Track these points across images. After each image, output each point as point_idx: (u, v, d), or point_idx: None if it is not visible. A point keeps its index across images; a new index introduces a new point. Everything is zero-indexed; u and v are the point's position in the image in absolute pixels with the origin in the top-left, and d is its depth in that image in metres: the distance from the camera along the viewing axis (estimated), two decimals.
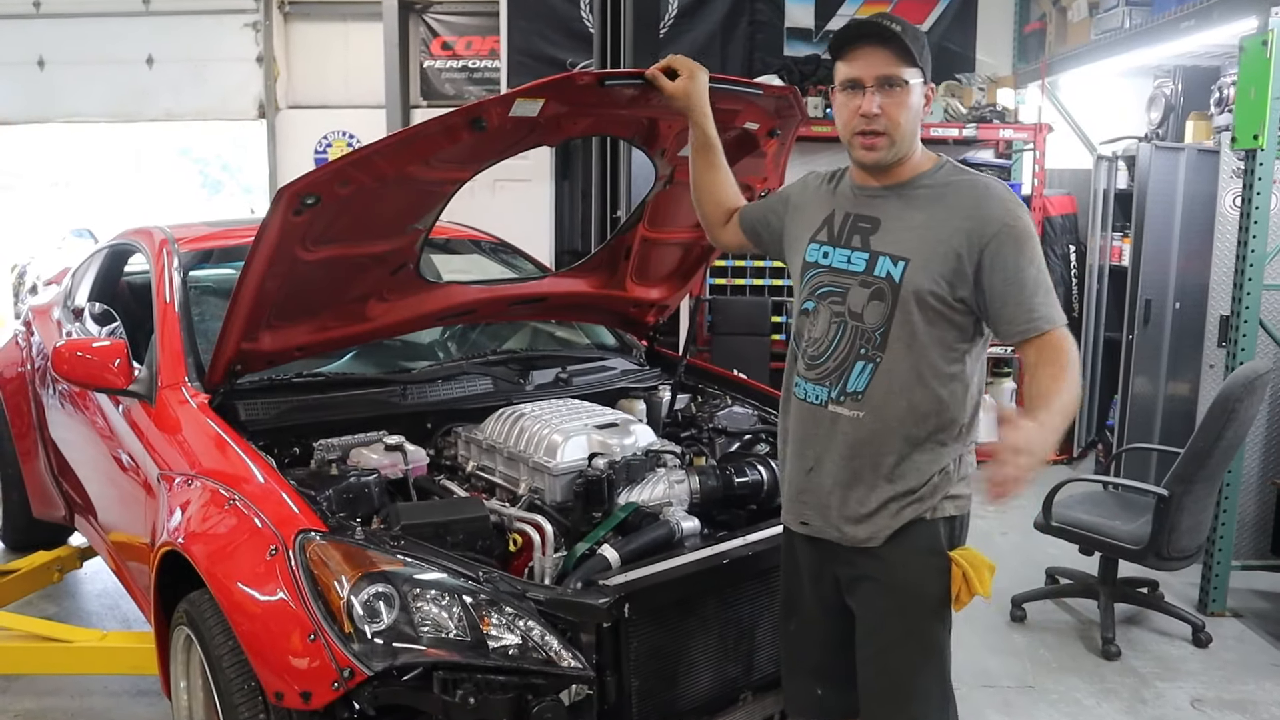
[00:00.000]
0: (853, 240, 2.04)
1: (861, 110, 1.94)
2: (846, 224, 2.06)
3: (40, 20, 8.31)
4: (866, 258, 2.00)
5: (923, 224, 1.96)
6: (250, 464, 2.38)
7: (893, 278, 1.95)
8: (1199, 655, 3.74)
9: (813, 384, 2.06)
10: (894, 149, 1.97)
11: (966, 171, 2.01)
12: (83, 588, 4.29)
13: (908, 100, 1.94)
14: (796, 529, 2.14)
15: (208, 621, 2.22)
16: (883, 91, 1.93)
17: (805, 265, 2.11)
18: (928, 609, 2.02)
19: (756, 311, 5.89)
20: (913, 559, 2.00)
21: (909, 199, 2.00)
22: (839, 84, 1.99)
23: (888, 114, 1.93)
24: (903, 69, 1.92)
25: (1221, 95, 5.06)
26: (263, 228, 2.29)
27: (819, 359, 2.05)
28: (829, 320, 2.04)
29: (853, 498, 2.01)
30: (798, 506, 2.12)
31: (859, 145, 1.98)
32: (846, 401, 2.01)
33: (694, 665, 2.28)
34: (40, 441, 4.07)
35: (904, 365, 1.96)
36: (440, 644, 1.97)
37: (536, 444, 2.59)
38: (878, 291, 1.96)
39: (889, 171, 2.01)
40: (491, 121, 2.24)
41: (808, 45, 6.87)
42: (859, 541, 2.01)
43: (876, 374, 1.97)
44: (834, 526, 2.05)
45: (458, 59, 7.82)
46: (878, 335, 1.97)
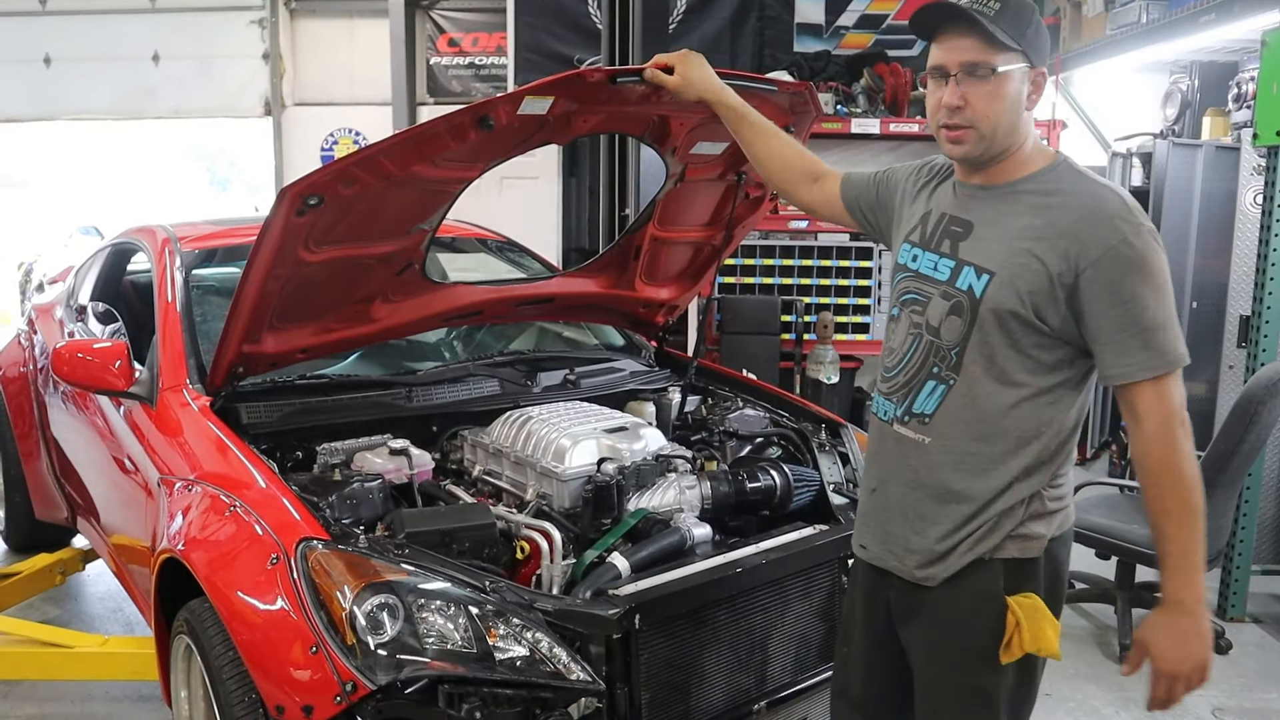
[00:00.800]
0: (942, 245, 1.82)
1: (944, 100, 1.73)
2: (940, 226, 1.84)
3: (46, 18, 8.30)
4: (952, 266, 1.78)
5: (1016, 234, 1.71)
6: (251, 469, 2.33)
7: (974, 292, 1.73)
8: (1219, 662, 3.67)
9: (884, 398, 1.89)
10: (983, 144, 1.73)
11: (1084, 177, 1.74)
12: (85, 590, 4.25)
13: (999, 90, 1.70)
14: (858, 553, 1.98)
15: (208, 631, 2.17)
16: (968, 81, 1.70)
17: (897, 267, 1.91)
18: (977, 655, 1.79)
19: (766, 310, 5.82)
20: (964, 599, 1.80)
21: (1009, 203, 1.76)
22: (929, 70, 1.78)
23: (973, 105, 1.71)
24: (993, 55, 1.68)
25: (1240, 91, 4.98)
26: (265, 228, 2.24)
27: (892, 372, 1.87)
28: (907, 330, 1.84)
29: (911, 529, 1.83)
30: (860, 528, 1.98)
31: (944, 138, 1.77)
32: (911, 423, 1.82)
33: (706, 677, 2.22)
34: (42, 442, 4.03)
35: (979, 390, 1.74)
36: (445, 656, 1.92)
37: (544, 448, 2.54)
38: (957, 305, 1.76)
39: (988, 169, 1.79)
40: (499, 120, 2.18)
41: (818, 40, 6.80)
42: (916, 578, 1.83)
43: (948, 397, 1.77)
44: (892, 554, 1.87)
45: (464, 56, 7.78)
46: (953, 354, 1.76)
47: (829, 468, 2.78)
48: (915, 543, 1.83)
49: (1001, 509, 1.76)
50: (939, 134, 1.78)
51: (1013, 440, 1.75)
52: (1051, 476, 1.78)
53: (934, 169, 1.97)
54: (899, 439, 1.85)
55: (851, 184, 2.10)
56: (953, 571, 1.79)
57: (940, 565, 1.80)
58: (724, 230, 3.06)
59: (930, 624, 1.85)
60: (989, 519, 1.76)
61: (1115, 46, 5.62)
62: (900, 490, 1.85)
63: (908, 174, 2.01)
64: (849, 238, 5.60)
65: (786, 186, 2.18)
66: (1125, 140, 6.08)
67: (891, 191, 2.03)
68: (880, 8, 6.67)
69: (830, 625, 2.48)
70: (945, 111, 1.74)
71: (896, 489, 1.86)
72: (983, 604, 1.78)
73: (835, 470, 2.78)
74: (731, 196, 2.94)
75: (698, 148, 2.70)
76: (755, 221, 3.17)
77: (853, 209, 2.10)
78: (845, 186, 2.10)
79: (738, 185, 2.90)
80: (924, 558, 1.81)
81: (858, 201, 2.08)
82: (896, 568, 1.87)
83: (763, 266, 6.26)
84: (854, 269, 5.59)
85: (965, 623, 1.80)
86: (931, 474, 1.80)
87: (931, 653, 1.85)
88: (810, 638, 2.44)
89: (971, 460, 1.76)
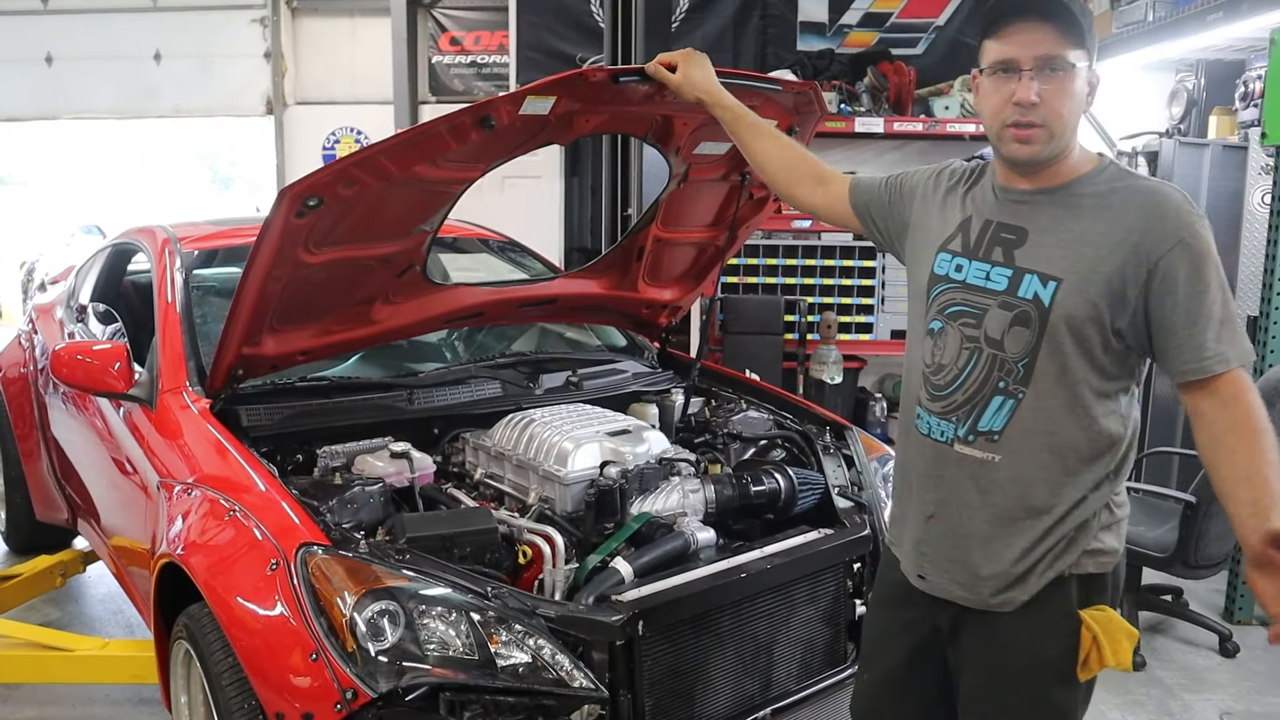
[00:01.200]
0: (993, 253, 1.73)
1: (1016, 97, 1.63)
2: (986, 233, 1.75)
3: (48, 16, 8.29)
4: (1009, 275, 1.70)
5: (1080, 238, 1.65)
6: (251, 472, 2.31)
7: (1041, 300, 1.65)
8: (1226, 666, 3.65)
9: (938, 418, 1.77)
10: (1052, 144, 1.65)
11: (1135, 175, 1.70)
12: (86, 592, 4.23)
13: (1071, 87, 1.63)
14: (915, 583, 1.86)
15: (207, 636, 2.16)
16: (1043, 76, 1.61)
17: (934, 278, 1.81)
18: (1053, 675, 1.73)
19: (769, 310, 5.79)
20: (1036, 618, 1.72)
21: (1065, 207, 1.68)
22: (988, 66, 1.68)
23: (1048, 103, 1.62)
24: (1068, 50, 1.61)
25: (1247, 90, 4.95)
26: (264, 229, 2.22)
27: (946, 390, 1.76)
28: (960, 345, 1.74)
29: (983, 554, 1.74)
30: (915, 557, 1.86)
31: (1011, 138, 1.66)
32: (978, 442, 1.72)
33: (710, 684, 2.20)
34: (43, 443, 4.02)
35: (1051, 402, 1.67)
36: (447, 663, 1.90)
37: (546, 451, 2.52)
38: (1022, 316, 1.67)
39: (1042, 172, 1.70)
40: (501, 120, 2.16)
41: (821, 39, 6.75)
42: (990, 605, 1.75)
43: (1018, 411, 1.69)
44: (958, 584, 1.78)
45: (466, 54, 7.76)
46: (1020, 367, 1.68)
47: (833, 471, 2.75)
48: (987, 569, 1.74)
49: (1077, 522, 1.70)
50: (1002, 134, 1.68)
51: (1086, 451, 1.69)
52: (1116, 487, 1.74)
53: (956, 173, 1.89)
54: (961, 459, 1.75)
55: (861, 189, 2.03)
56: (1032, 594, 1.72)
57: (1019, 589, 1.73)
58: (728, 231, 3.03)
59: (1000, 645, 1.76)
60: (1065, 534, 1.70)
61: (1122, 45, 5.58)
62: (966, 514, 1.76)
63: (925, 179, 1.93)
64: (852, 238, 5.56)
65: (788, 189, 2.12)
66: (1130, 139, 6.04)
67: (905, 198, 1.96)
68: (884, 6, 6.62)
69: (836, 630, 2.47)
70: (1015, 109, 1.64)
71: (961, 512, 1.77)
72: (1057, 621, 1.72)
73: (840, 473, 2.76)
74: (735, 197, 2.92)
75: (701, 148, 2.67)
76: (759, 222, 3.14)
77: (861, 214, 2.03)
78: (854, 191, 2.04)
79: (742, 185, 2.88)
80: (1000, 583, 1.74)
81: (867, 207, 2.02)
82: (964, 598, 1.78)
83: (766, 266, 6.24)
84: (857, 269, 5.56)
85: (1040, 642, 1.73)
86: (1003, 493, 1.72)
87: (1001, 674, 1.77)
88: (816, 643, 2.42)
89: (1044, 475, 1.70)
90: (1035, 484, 1.70)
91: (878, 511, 2.64)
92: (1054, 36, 1.62)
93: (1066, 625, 1.71)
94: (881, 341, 5.57)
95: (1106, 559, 1.73)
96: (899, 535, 1.93)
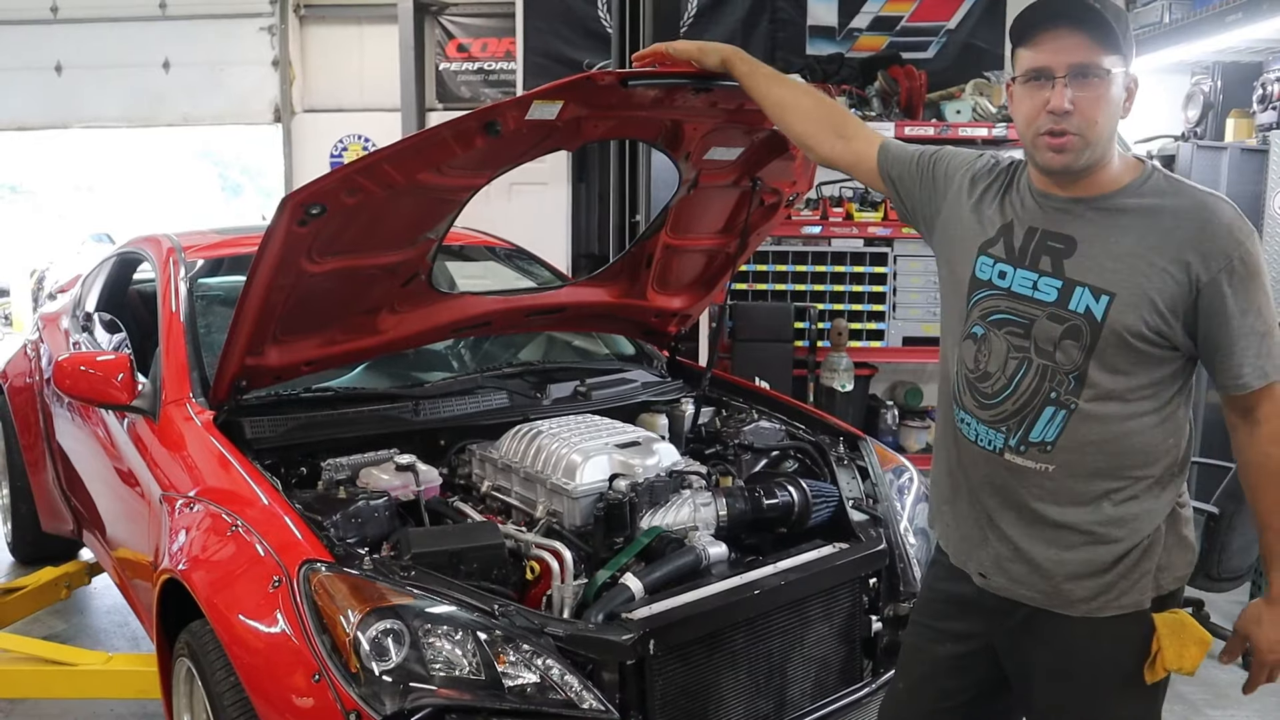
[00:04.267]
0: (1040, 262, 1.70)
1: (1050, 105, 1.61)
2: (1032, 241, 1.71)
3: (58, 25, 8.30)
4: (1059, 286, 1.67)
5: (1131, 251, 1.63)
6: (254, 486, 2.27)
7: (1093, 314, 1.63)
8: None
9: (986, 426, 1.76)
10: (1087, 153, 1.63)
11: (1182, 185, 1.67)
12: (92, 603, 4.21)
13: (1107, 94, 1.61)
14: (977, 581, 1.82)
15: (209, 654, 2.12)
16: (1077, 83, 1.60)
17: (975, 282, 1.78)
18: (1127, 683, 1.72)
19: (779, 317, 5.73)
20: (1105, 627, 1.71)
21: (1114, 218, 1.66)
22: (1021, 74, 1.66)
23: (1082, 111, 1.60)
24: (1103, 56, 1.60)
25: (1265, 92, 4.88)
26: (266, 238, 2.18)
27: (995, 399, 1.74)
28: (1007, 354, 1.72)
29: (1048, 557, 1.72)
30: (978, 557, 1.82)
31: (1045, 146, 1.64)
32: (1030, 452, 1.70)
33: (723, 704, 2.15)
34: (48, 453, 3.99)
35: (1104, 412, 1.65)
36: (453, 684, 1.85)
37: (555, 464, 2.47)
38: (1073, 329, 1.65)
39: (1082, 181, 1.68)
40: (507, 125, 2.11)
41: (831, 43, 6.71)
42: (1066, 610, 1.72)
43: (1071, 422, 1.67)
44: (1024, 585, 1.75)
45: (474, 61, 7.73)
46: (1071, 378, 1.66)
47: (848, 483, 2.70)
48: (1058, 571, 1.72)
49: (1145, 533, 1.69)
50: (1036, 142, 1.66)
51: (1140, 459, 1.68)
52: (1179, 488, 1.74)
53: (992, 172, 1.85)
54: (1012, 469, 1.73)
55: (892, 158, 1.96)
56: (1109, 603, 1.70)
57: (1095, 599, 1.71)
58: (738, 238, 2.99)
59: (1072, 651, 1.74)
60: (1133, 545, 1.69)
61: (1138, 47, 5.51)
62: (1026, 518, 1.74)
63: (962, 170, 1.88)
64: (863, 243, 5.51)
65: (806, 139, 2.06)
66: (1146, 143, 5.97)
67: (940, 185, 1.89)
68: (894, 9, 6.58)
69: (851, 648, 2.41)
70: (1049, 117, 1.62)
71: (1021, 517, 1.74)
72: (1133, 628, 1.71)
73: (854, 485, 2.70)
74: (746, 203, 2.87)
75: (711, 153, 2.62)
76: (771, 229, 3.10)
77: (888, 183, 1.97)
78: (884, 158, 1.96)
79: (753, 191, 2.83)
80: (1072, 589, 1.71)
81: (897, 181, 1.95)
82: (1031, 598, 1.75)
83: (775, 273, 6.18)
84: (868, 275, 5.50)
85: (1114, 648, 1.72)
86: (1060, 502, 1.71)
87: (1075, 680, 1.74)
88: (831, 661, 2.36)
89: (1102, 484, 1.68)
90: (1093, 490, 1.69)
91: (893, 525, 2.58)
92: (1087, 43, 1.60)
93: (1139, 632, 1.70)
94: (893, 348, 5.51)
95: (1177, 575, 1.74)
96: (948, 539, 1.90)
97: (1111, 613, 1.70)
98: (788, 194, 2.90)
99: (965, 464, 1.82)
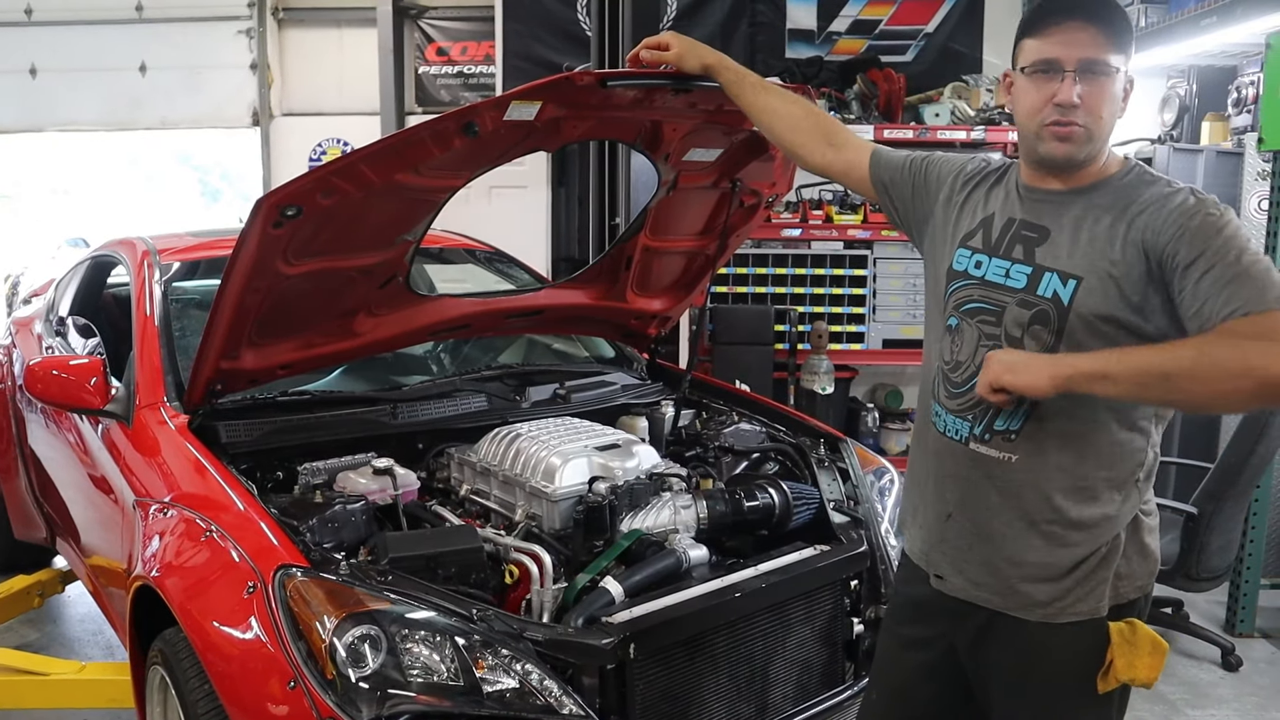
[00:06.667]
0: (1014, 251, 1.70)
1: (1058, 98, 1.61)
2: (1009, 231, 1.73)
3: (32, 28, 8.21)
4: (1029, 273, 1.67)
5: (1100, 236, 1.62)
6: (229, 491, 2.23)
7: (1060, 299, 1.63)
8: (1230, 680, 3.59)
9: (954, 415, 1.75)
10: (1089, 146, 1.64)
11: (1159, 178, 1.66)
12: (65, 612, 4.15)
13: (1112, 90, 1.62)
14: (933, 583, 1.82)
15: (182, 662, 2.09)
16: (1085, 78, 1.60)
17: (952, 273, 1.79)
18: (1083, 694, 1.69)
19: (759, 320, 5.74)
20: (1061, 633, 1.68)
21: (1088, 207, 1.66)
22: (1028, 65, 1.66)
23: (1088, 105, 1.60)
24: (1110, 53, 1.61)
25: (1240, 95, 4.92)
26: (241, 240, 2.16)
27: (964, 387, 1.73)
28: (977, 343, 1.72)
29: (1005, 556, 1.70)
30: (934, 557, 1.82)
31: (1050, 135, 1.64)
32: (994, 441, 1.69)
33: (705, 707, 2.13)
34: (21, 460, 3.93)
35: (1069, 402, 1.62)
36: (431, 690, 1.83)
37: (534, 467, 2.45)
38: (1040, 314, 1.65)
39: (1073, 173, 1.68)
40: (485, 126, 2.10)
41: (810, 46, 6.71)
42: (1020, 613, 1.70)
43: (1035, 412, 1.66)
44: (979, 585, 1.74)
45: (453, 65, 7.70)
46: None
47: (828, 484, 2.69)
48: (1014, 573, 1.70)
49: (1108, 534, 1.67)
50: (1041, 132, 1.65)
51: (1107, 455, 1.66)
52: (1144, 496, 1.71)
53: (982, 170, 1.86)
54: (976, 459, 1.72)
55: (884, 165, 1.97)
56: (1066, 608, 1.67)
57: (1053, 604, 1.68)
58: (718, 239, 2.98)
59: (1029, 656, 1.72)
60: (1097, 545, 1.66)
61: None
62: (986, 514, 1.72)
63: (952, 175, 1.89)
64: (843, 246, 5.52)
65: (796, 148, 2.06)
66: (1123, 145, 6.01)
67: (931, 190, 1.91)
68: (873, 13, 6.59)
69: (833, 650, 2.40)
70: (1056, 109, 1.62)
71: (980, 513, 1.73)
72: (1088, 635, 1.67)
73: (835, 487, 2.69)
74: (726, 205, 2.86)
75: (691, 154, 2.61)
76: (750, 230, 3.09)
77: (880, 191, 1.98)
78: (876, 165, 1.98)
79: (732, 193, 2.82)
80: (1030, 591, 1.69)
81: (889, 187, 1.96)
82: (988, 600, 1.74)
83: (755, 275, 6.18)
84: (848, 278, 5.51)
85: (1069, 654, 1.69)
86: (1022, 495, 1.69)
87: (1031, 686, 1.73)
88: (813, 664, 2.35)
89: (1064, 478, 1.66)
90: (1055, 487, 1.67)
91: (874, 526, 2.58)
92: (1098, 39, 1.61)
93: (1097, 640, 1.67)
94: (873, 351, 5.52)
95: (1138, 585, 1.70)
96: (912, 535, 1.89)
97: (1067, 619, 1.67)
98: (767, 195, 2.90)
99: (933, 458, 1.81)
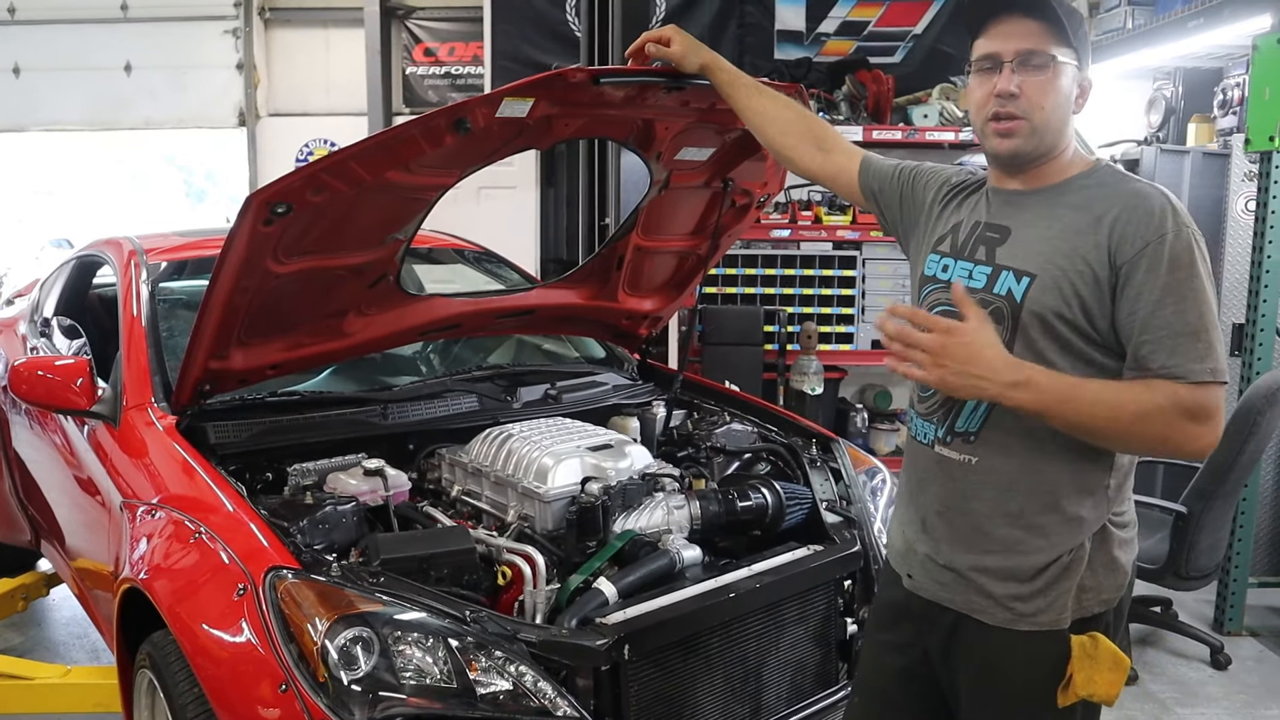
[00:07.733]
0: (977, 253, 1.70)
1: (997, 89, 1.62)
2: (974, 234, 1.73)
3: (15, 27, 8.14)
4: (989, 272, 1.66)
5: (1059, 234, 1.60)
6: (218, 492, 2.21)
7: (1014, 296, 1.61)
8: (1219, 678, 3.60)
9: (922, 419, 1.75)
10: (1034, 138, 1.63)
11: (1127, 177, 1.65)
12: (50, 615, 4.11)
13: (1055, 83, 1.62)
14: (905, 582, 1.81)
15: (171, 666, 2.06)
16: (1024, 69, 1.61)
17: (924, 279, 1.79)
18: (1045, 707, 1.65)
19: (749, 321, 5.74)
20: (1022, 643, 1.65)
21: (1049, 205, 1.65)
22: (974, 64, 1.68)
23: (1028, 95, 1.61)
24: (1050, 46, 1.61)
25: (1225, 97, 4.95)
26: (230, 238, 2.13)
27: (929, 390, 1.72)
28: None
29: (969, 561, 1.68)
30: (907, 556, 1.81)
31: (991, 132, 1.65)
32: (955, 443, 1.68)
33: (699, 708, 2.12)
34: (5, 461, 3.89)
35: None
36: (423, 692, 1.81)
37: (526, 467, 2.43)
38: (996, 312, 1.62)
39: (1031, 171, 1.68)
40: (477, 123, 2.08)
41: (798, 48, 6.72)
42: (983, 617, 1.67)
43: (994, 412, 1.63)
44: (943, 586, 1.72)
45: (441, 65, 7.67)
46: None
47: (821, 484, 2.68)
48: (979, 578, 1.67)
49: (1070, 546, 1.62)
50: (985, 129, 1.67)
51: (1069, 457, 1.61)
52: (1116, 506, 1.66)
53: (964, 181, 1.86)
54: (941, 461, 1.71)
55: (873, 173, 1.99)
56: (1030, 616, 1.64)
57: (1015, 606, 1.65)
58: (709, 239, 2.97)
59: (993, 662, 1.69)
60: (1058, 565, 1.62)
61: (1101, 53, 5.56)
62: (948, 518, 1.71)
63: (940, 183, 1.90)
64: (831, 246, 5.52)
65: (786, 151, 2.08)
66: (1109, 147, 6.03)
67: (918, 200, 1.92)
68: (862, 14, 6.60)
69: (827, 650, 2.40)
70: (996, 101, 1.64)
71: (944, 516, 1.72)
72: (1049, 644, 1.64)
73: (827, 487, 2.69)
74: (717, 204, 2.86)
75: (683, 153, 2.61)
76: (742, 230, 3.08)
77: (869, 198, 2.00)
78: (865, 173, 2.00)
79: (724, 193, 2.81)
80: (993, 596, 1.66)
81: (879, 195, 1.98)
82: (950, 600, 1.71)
83: (744, 276, 6.19)
84: (837, 278, 5.51)
85: (1032, 664, 1.65)
86: (984, 498, 1.66)
87: (995, 695, 1.69)
88: (807, 664, 2.35)
89: (1026, 481, 1.63)
90: (1017, 490, 1.64)
91: (867, 526, 2.57)
92: (1036, 31, 1.63)
93: (1059, 652, 1.63)
94: (862, 351, 5.52)
95: (1106, 597, 1.66)
96: (892, 537, 1.89)
97: (1028, 627, 1.64)
98: (759, 195, 2.89)
99: (909, 460, 1.83)
